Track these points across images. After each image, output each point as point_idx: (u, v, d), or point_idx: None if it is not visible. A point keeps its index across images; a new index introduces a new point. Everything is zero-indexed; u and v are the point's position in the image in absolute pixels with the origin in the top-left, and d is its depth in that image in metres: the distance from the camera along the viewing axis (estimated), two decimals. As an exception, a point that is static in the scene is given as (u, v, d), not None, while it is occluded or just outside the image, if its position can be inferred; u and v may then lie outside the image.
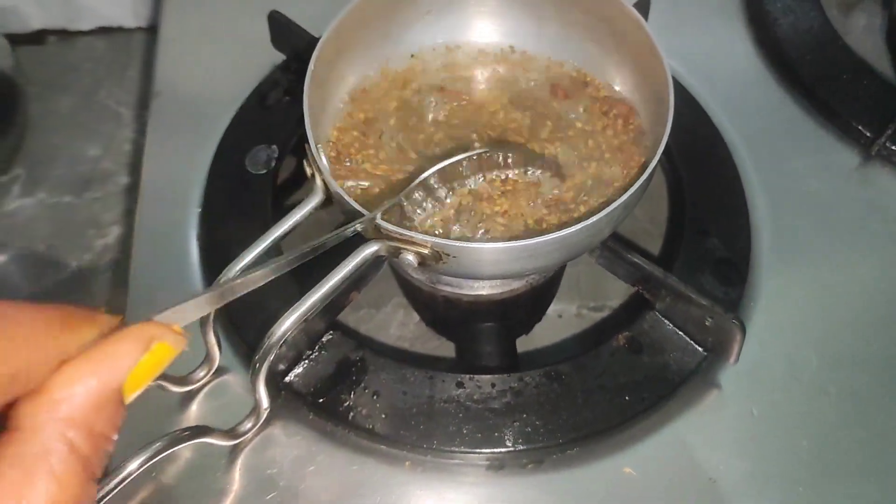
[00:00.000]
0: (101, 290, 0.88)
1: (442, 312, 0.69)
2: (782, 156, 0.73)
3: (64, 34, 1.09)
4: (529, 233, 0.58)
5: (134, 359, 0.32)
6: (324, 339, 0.61)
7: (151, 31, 1.06)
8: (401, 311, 0.73)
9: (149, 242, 0.68)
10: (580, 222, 0.51)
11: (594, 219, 0.52)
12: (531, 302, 0.69)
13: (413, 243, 0.52)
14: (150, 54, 0.96)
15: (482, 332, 0.68)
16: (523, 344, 0.69)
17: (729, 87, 0.78)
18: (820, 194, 0.71)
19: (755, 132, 0.75)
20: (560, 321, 0.74)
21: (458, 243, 0.52)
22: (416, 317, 0.72)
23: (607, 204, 0.52)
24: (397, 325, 0.74)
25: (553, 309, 0.73)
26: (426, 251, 0.53)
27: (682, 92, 0.75)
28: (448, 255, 0.52)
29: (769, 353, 0.63)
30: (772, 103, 0.77)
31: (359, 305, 0.71)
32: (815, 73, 0.76)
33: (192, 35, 0.83)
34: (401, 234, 0.52)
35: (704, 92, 0.77)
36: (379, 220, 0.52)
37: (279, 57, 0.77)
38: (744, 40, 0.81)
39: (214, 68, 0.79)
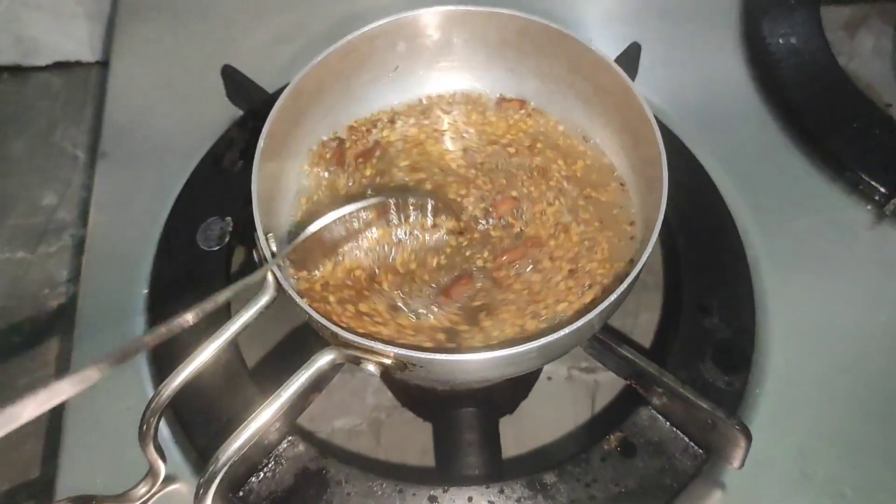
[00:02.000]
0: (54, 353, 0.82)
1: (417, 396, 0.63)
2: (787, 214, 0.67)
3: (17, 70, 1.02)
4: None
5: None
6: (281, 447, 0.54)
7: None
8: (375, 380, 0.67)
9: (92, 328, 0.62)
10: (563, 328, 0.45)
11: (580, 322, 0.46)
12: (515, 381, 0.63)
13: (373, 353, 0.46)
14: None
15: (461, 417, 0.61)
16: (507, 426, 0.63)
17: (727, 136, 0.72)
18: (830, 258, 0.65)
19: (757, 187, 0.69)
20: (550, 385, 0.67)
21: (425, 355, 0.46)
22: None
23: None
24: (373, 393, 0.68)
25: (543, 370, 0.67)
26: (389, 361, 0.47)
27: (674, 143, 0.69)
28: (415, 364, 0.46)
29: (778, 446, 0.57)
30: (775, 154, 0.71)
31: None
32: (823, 121, 0.70)
33: (144, 85, 0.76)
34: (359, 343, 0.46)
35: (700, 141, 0.70)
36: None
37: (238, 110, 0.71)
38: (743, 83, 0.75)
39: (167, 123, 0.73)
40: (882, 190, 0.66)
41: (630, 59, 0.67)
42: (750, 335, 0.60)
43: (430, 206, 0.56)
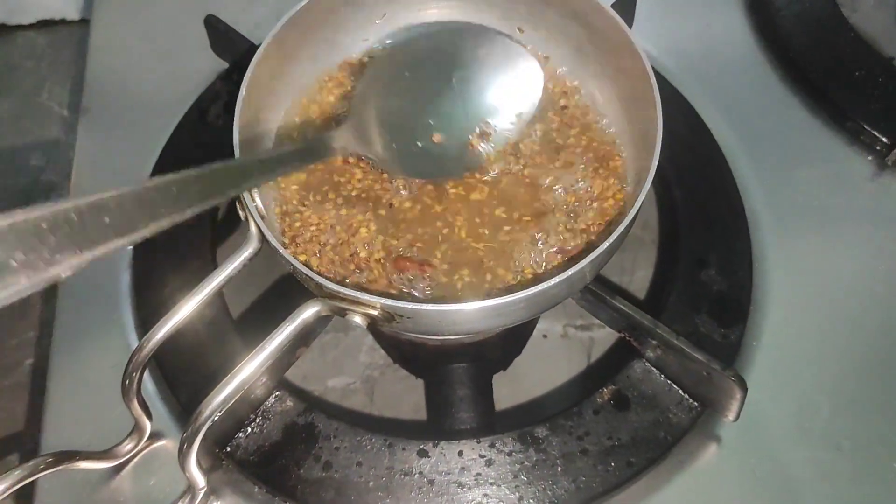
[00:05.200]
0: (45, 314, 0.81)
1: (410, 353, 0.62)
2: (787, 166, 0.66)
3: (1, 29, 1.00)
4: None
5: None
6: (268, 402, 0.53)
7: (96, 23, 0.97)
8: (368, 338, 0.66)
9: (76, 286, 0.61)
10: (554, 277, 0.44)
11: (571, 271, 0.45)
12: (508, 337, 0.62)
13: (359, 304, 0.45)
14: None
15: (454, 373, 0.60)
16: (500, 382, 0.62)
17: (726, 86, 0.70)
18: (830, 210, 0.63)
19: (756, 138, 0.67)
20: (545, 343, 0.66)
21: (412, 305, 0.45)
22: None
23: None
24: (367, 351, 0.67)
25: (537, 328, 0.66)
26: (375, 312, 0.45)
27: (671, 93, 0.67)
28: (402, 315, 0.45)
29: (774, 398, 0.56)
30: (775, 104, 0.69)
31: (325, 330, 0.64)
32: (825, 70, 0.67)
33: (127, 40, 0.74)
34: (345, 294, 0.45)
35: (698, 92, 0.68)
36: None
37: (223, 63, 0.69)
38: (743, 32, 0.73)
39: (151, 77, 0.71)
40: (884, 140, 0.64)
41: (626, 5, 0.65)
42: (747, 288, 0.58)
43: None
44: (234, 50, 0.65)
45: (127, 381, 0.49)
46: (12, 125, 0.93)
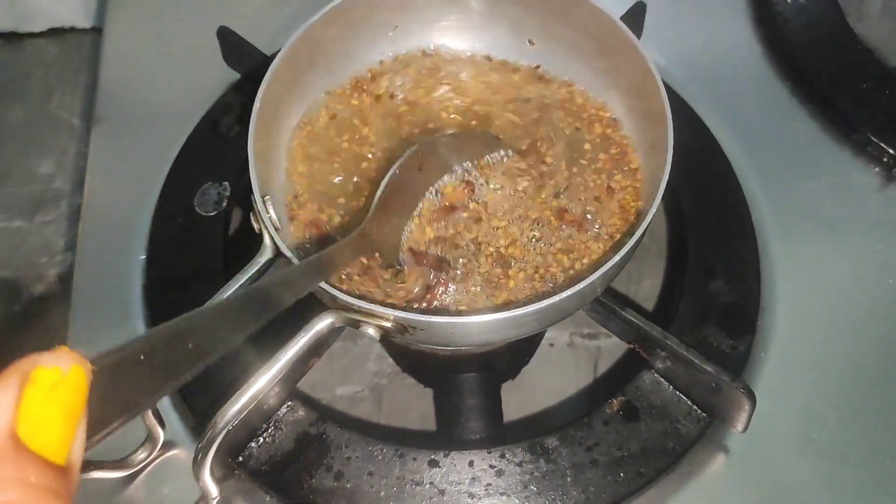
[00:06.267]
0: (58, 322, 0.81)
1: (419, 362, 0.63)
2: (794, 177, 0.66)
3: (11, 37, 1.00)
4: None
5: (10, 396, 0.23)
6: (280, 412, 0.54)
7: (106, 31, 0.98)
8: (377, 346, 0.67)
9: (90, 295, 0.61)
10: (566, 290, 0.44)
11: (582, 284, 0.45)
12: (516, 346, 0.63)
13: (373, 315, 0.46)
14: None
15: (462, 382, 0.61)
16: (509, 391, 0.63)
17: (733, 97, 0.70)
18: (837, 221, 0.64)
19: (763, 149, 0.67)
20: (552, 351, 0.67)
21: (425, 317, 0.45)
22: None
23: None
24: (375, 360, 0.68)
25: (545, 337, 0.66)
26: (389, 324, 0.46)
27: (680, 104, 0.67)
28: (415, 327, 0.46)
29: (782, 409, 0.56)
30: (781, 116, 0.69)
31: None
32: (831, 81, 0.68)
33: (140, 50, 0.74)
34: (359, 307, 0.46)
35: (706, 103, 0.69)
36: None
37: (235, 74, 0.69)
38: (750, 43, 0.73)
39: (163, 87, 0.72)
40: (890, 152, 0.65)
41: (635, 18, 0.65)
42: (755, 299, 0.59)
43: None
44: (247, 61, 0.66)
45: (141, 392, 0.49)
46: (23, 133, 0.94)
